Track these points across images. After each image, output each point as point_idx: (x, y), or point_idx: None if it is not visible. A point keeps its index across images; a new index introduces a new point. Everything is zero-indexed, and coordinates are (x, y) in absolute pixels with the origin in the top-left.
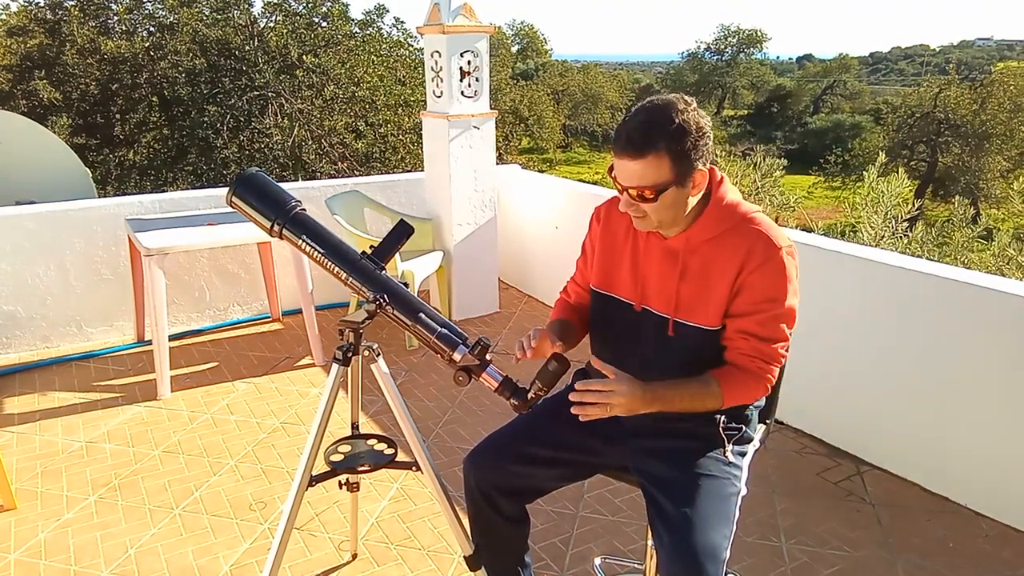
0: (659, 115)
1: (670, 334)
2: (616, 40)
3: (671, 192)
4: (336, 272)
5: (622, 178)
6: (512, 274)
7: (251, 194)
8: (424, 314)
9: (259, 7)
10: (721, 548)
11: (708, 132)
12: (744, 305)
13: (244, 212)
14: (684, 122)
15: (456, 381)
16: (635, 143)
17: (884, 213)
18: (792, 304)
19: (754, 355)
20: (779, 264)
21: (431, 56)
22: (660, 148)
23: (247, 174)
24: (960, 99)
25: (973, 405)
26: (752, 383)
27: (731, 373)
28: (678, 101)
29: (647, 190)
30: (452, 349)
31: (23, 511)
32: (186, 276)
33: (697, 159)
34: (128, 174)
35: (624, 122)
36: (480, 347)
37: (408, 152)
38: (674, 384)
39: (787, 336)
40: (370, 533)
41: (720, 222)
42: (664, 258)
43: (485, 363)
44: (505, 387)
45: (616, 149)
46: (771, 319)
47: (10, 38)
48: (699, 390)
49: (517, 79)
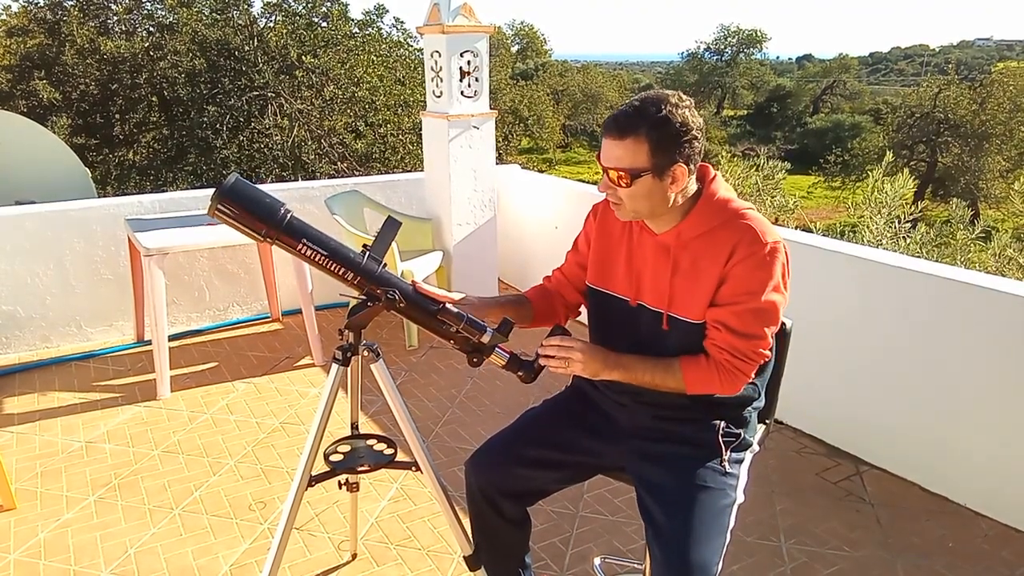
0: (648, 104)
1: (664, 328)
2: (616, 40)
3: (646, 181)
4: (342, 273)
5: (603, 158)
6: (512, 274)
7: (236, 206)
8: (447, 304)
9: (259, 7)
10: (712, 563)
11: (696, 131)
12: (723, 296)
13: (230, 224)
14: (670, 114)
15: (471, 363)
16: (619, 124)
17: (887, 214)
18: (772, 299)
19: (724, 347)
20: (762, 258)
21: (431, 56)
22: (640, 133)
23: (228, 185)
24: (960, 99)
25: (973, 405)
26: (716, 376)
27: (696, 362)
28: (672, 96)
29: (623, 174)
30: (481, 332)
31: (23, 511)
32: (186, 276)
33: (678, 154)
34: (128, 174)
35: (618, 108)
36: (507, 326)
37: (408, 152)
38: (639, 358)
39: (764, 333)
40: (370, 533)
41: (711, 217)
42: (657, 254)
43: (492, 345)
44: (513, 363)
45: (603, 130)
46: (747, 312)
47: (10, 38)
48: (662, 369)
49: (517, 79)
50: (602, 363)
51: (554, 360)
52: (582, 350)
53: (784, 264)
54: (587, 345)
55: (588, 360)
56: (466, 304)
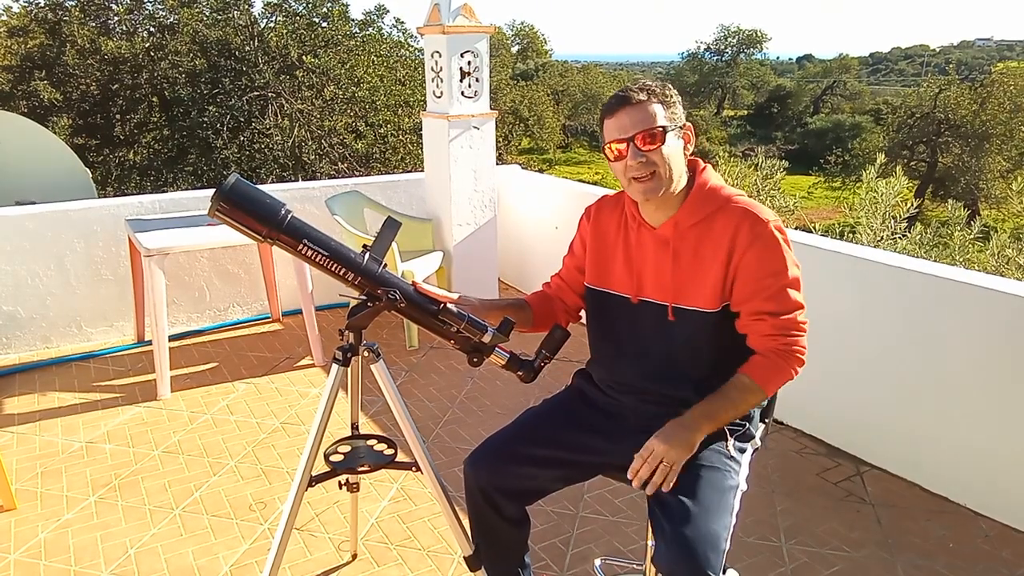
0: (641, 81)
1: (671, 319)
2: (616, 40)
3: (672, 139)
4: (343, 274)
5: (623, 129)
6: (512, 274)
7: (237, 207)
8: (447, 304)
9: (259, 7)
10: (721, 538)
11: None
12: (747, 287)
13: (231, 225)
14: (657, 84)
15: (471, 363)
16: (628, 95)
17: (883, 214)
18: (795, 274)
19: (775, 332)
20: (770, 238)
21: (431, 56)
22: (650, 97)
23: (227, 186)
24: (960, 99)
25: (973, 405)
26: (783, 362)
27: (758, 363)
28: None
29: (657, 131)
30: (482, 332)
31: (23, 511)
32: (186, 276)
33: (680, 116)
34: (128, 174)
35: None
36: (508, 325)
37: (408, 152)
38: (709, 399)
39: (801, 302)
40: (370, 533)
41: (705, 205)
42: (656, 247)
43: (492, 345)
44: (513, 362)
45: (608, 111)
46: (778, 292)
47: (10, 38)
48: (736, 392)
49: (517, 79)
50: (688, 431)
51: (654, 476)
52: (665, 441)
53: (787, 239)
54: (658, 437)
55: (675, 443)
56: (466, 304)
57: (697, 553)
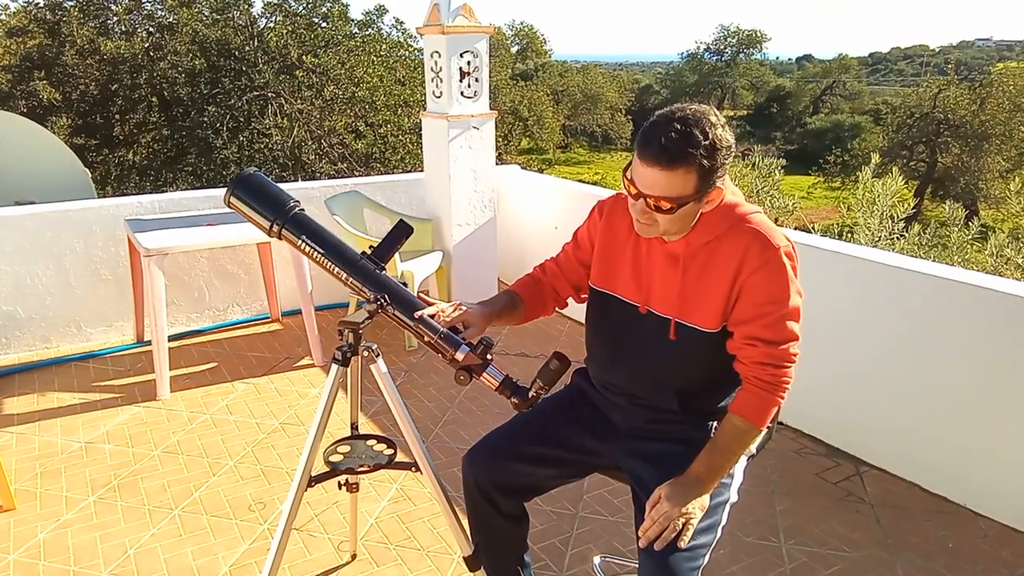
0: (692, 127)
1: (671, 337)
2: (616, 40)
3: (689, 207)
4: (336, 272)
5: (643, 184)
6: (512, 274)
7: (250, 195)
8: (426, 314)
9: (259, 7)
10: (700, 554)
11: (733, 147)
12: (748, 310)
13: (243, 213)
14: (716, 138)
15: (457, 380)
16: (669, 154)
17: (880, 214)
18: (796, 304)
19: (765, 361)
20: (778, 264)
21: (431, 56)
22: (692, 164)
23: (245, 174)
24: (959, 99)
25: (972, 405)
26: (768, 395)
27: (747, 402)
28: (710, 114)
29: (666, 202)
30: (455, 349)
31: (22, 511)
32: (186, 276)
33: (719, 177)
34: (128, 174)
35: (655, 127)
36: (482, 346)
37: (408, 152)
38: (708, 451)
39: (796, 334)
40: (369, 534)
41: (718, 223)
42: (666, 261)
43: (486, 362)
44: (506, 386)
45: (644, 155)
46: (777, 320)
47: (10, 38)
48: (733, 440)
49: (517, 79)
50: (694, 485)
51: (665, 531)
52: (671, 497)
53: (796, 267)
54: (663, 491)
55: (679, 498)
56: (469, 315)
57: (670, 571)
